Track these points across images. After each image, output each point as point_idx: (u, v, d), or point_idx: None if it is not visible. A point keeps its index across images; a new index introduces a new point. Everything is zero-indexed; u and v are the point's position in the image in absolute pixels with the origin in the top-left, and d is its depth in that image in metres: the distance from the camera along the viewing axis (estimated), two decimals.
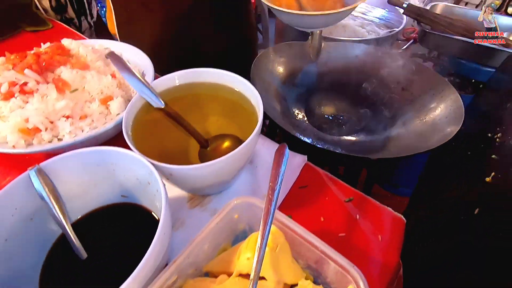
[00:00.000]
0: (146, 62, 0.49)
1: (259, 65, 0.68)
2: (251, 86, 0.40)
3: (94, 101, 0.41)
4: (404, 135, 0.62)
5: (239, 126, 0.43)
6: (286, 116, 0.66)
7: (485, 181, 0.45)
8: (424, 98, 0.66)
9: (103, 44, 0.52)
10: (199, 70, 0.43)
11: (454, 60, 1.02)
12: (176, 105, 0.42)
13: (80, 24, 1.03)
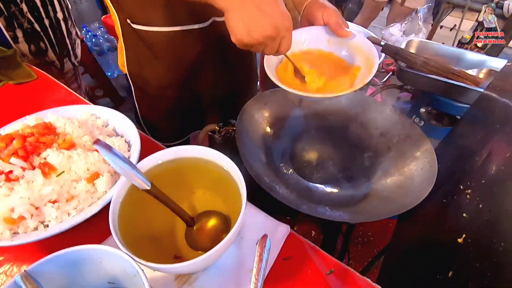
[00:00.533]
0: (132, 130, 0.50)
1: (244, 116, 0.70)
2: (233, 164, 0.42)
3: (81, 181, 0.42)
4: (384, 186, 0.65)
5: (224, 201, 0.45)
6: (271, 167, 0.68)
7: (457, 242, 0.48)
8: (401, 146, 0.69)
9: (89, 111, 0.53)
10: (183, 147, 0.44)
11: (430, 94, 1.07)
12: (162, 181, 0.43)
13: (62, 66, 1.02)
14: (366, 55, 0.57)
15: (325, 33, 0.61)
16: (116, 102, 1.97)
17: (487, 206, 0.46)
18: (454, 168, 0.67)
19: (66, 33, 1.01)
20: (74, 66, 1.07)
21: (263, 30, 0.42)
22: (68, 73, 1.06)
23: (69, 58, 1.03)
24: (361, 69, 0.57)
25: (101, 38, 2.00)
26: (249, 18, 0.41)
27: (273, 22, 0.42)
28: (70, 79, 1.11)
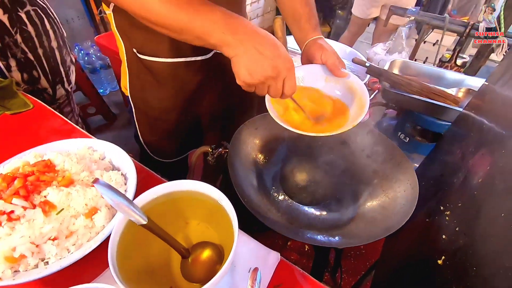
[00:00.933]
0: (129, 164, 0.52)
1: (236, 141, 0.73)
2: (224, 197, 0.44)
3: (79, 217, 0.44)
4: (370, 208, 0.68)
5: (217, 232, 0.47)
6: (262, 191, 0.71)
7: (437, 263, 0.51)
8: (386, 168, 0.73)
9: (87, 144, 0.55)
10: (178, 182, 0.46)
11: (413, 113, 1.12)
12: (158, 213, 0.45)
13: (55, 92, 1.03)
14: (360, 95, 0.61)
15: (323, 71, 0.65)
16: (109, 119, 1.99)
17: (463, 230, 0.49)
18: (437, 187, 0.70)
19: (60, 61, 1.02)
20: (67, 92, 1.08)
21: (263, 71, 0.46)
22: (61, 99, 1.07)
23: (62, 84, 1.04)
24: (354, 109, 0.61)
25: (94, 56, 2.03)
26: (250, 62, 0.46)
27: (272, 63, 0.46)
28: (63, 103, 1.12)
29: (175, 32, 0.48)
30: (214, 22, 0.45)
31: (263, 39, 0.46)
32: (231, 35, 0.45)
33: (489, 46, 1.17)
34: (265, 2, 2.75)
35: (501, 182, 0.45)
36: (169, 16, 0.45)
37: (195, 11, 0.45)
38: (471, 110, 0.77)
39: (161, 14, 0.45)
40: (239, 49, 0.46)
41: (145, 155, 0.97)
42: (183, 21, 0.46)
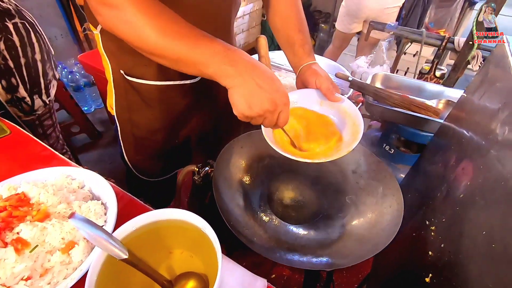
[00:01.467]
0: (109, 191, 0.51)
1: (221, 161, 0.72)
2: (207, 225, 0.43)
3: (55, 252, 0.42)
4: (357, 224, 0.68)
5: (201, 260, 0.46)
6: (248, 211, 0.70)
7: (425, 281, 0.51)
8: (371, 183, 0.73)
9: (65, 173, 0.53)
10: (157, 212, 0.45)
11: (396, 125, 1.15)
12: (139, 245, 0.44)
13: (33, 102, 1.03)
14: (353, 120, 0.62)
15: (317, 96, 0.66)
16: (94, 138, 1.95)
17: (447, 247, 0.50)
18: (422, 200, 0.71)
19: (42, 73, 1.03)
20: (45, 104, 1.07)
21: (262, 104, 0.47)
22: (39, 109, 1.07)
23: (40, 96, 1.04)
24: (347, 135, 0.62)
25: (78, 74, 2.00)
26: (250, 94, 0.46)
27: (271, 97, 0.47)
28: (44, 116, 1.12)
29: (171, 61, 0.48)
30: (214, 53, 0.46)
31: (261, 73, 0.47)
32: (230, 66, 0.46)
33: (465, 58, 1.22)
34: (250, 18, 2.80)
35: (481, 199, 0.46)
36: (166, 46, 0.45)
37: (194, 42, 0.46)
38: (452, 122, 0.79)
39: (158, 44, 0.45)
40: (238, 80, 0.46)
41: (131, 174, 0.95)
42: (181, 52, 0.46)
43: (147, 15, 0.44)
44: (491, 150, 0.49)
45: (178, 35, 0.45)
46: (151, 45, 0.46)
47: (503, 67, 0.58)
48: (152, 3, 0.45)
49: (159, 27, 0.45)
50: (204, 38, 0.46)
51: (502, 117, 0.50)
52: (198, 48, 0.46)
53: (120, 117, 0.81)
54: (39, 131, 1.13)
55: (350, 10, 1.98)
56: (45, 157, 0.66)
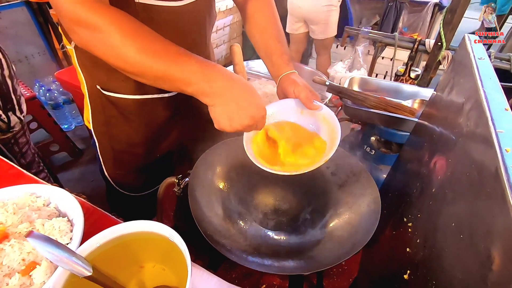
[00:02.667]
0: (75, 207, 0.49)
1: (198, 171, 0.71)
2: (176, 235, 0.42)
3: (14, 275, 0.39)
4: (337, 225, 0.68)
5: (174, 273, 0.44)
6: (228, 220, 0.68)
7: (403, 278, 0.51)
8: (350, 183, 0.74)
9: (29, 191, 0.51)
10: (122, 225, 0.43)
11: (375, 126, 1.17)
12: (107, 261, 0.42)
13: (9, 119, 1.02)
14: (332, 127, 0.63)
15: (297, 105, 0.67)
16: (74, 156, 1.90)
17: (422, 242, 0.50)
18: (401, 198, 0.71)
19: (12, 89, 1.02)
20: (20, 120, 1.05)
21: (242, 121, 0.50)
22: (15, 127, 1.06)
23: (14, 112, 1.04)
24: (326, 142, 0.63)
25: (56, 92, 1.96)
26: (230, 112, 0.49)
27: (250, 113, 0.50)
28: (18, 133, 1.11)
29: (150, 80, 0.48)
30: (192, 72, 0.46)
31: (240, 89, 0.49)
32: (209, 85, 0.47)
33: (435, 59, 1.26)
34: (231, 29, 2.84)
35: (450, 191, 0.47)
36: (145, 65, 0.45)
37: (172, 60, 0.46)
38: (424, 119, 0.81)
39: (137, 63, 0.45)
40: (217, 99, 0.48)
41: (112, 190, 0.92)
42: (160, 70, 0.46)
43: (125, 34, 0.44)
44: (457, 143, 0.51)
45: (156, 53, 0.45)
46: (129, 64, 0.46)
47: (466, 64, 0.60)
48: (129, 21, 0.45)
49: (138, 46, 0.44)
50: (182, 56, 0.47)
51: (466, 111, 0.51)
52: (176, 66, 0.46)
53: (97, 131, 0.79)
54: (15, 149, 1.10)
55: (290, 10, 2.04)
56: (11, 176, 0.64)
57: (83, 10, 0.43)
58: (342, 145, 1.25)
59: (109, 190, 0.95)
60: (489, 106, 0.44)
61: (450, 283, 0.36)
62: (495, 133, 0.39)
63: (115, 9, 0.45)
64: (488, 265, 0.30)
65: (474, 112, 0.47)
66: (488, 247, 0.31)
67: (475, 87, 0.49)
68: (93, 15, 0.43)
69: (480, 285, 0.30)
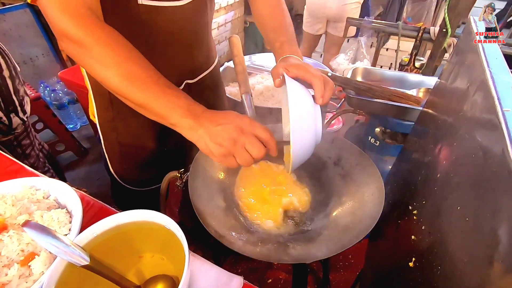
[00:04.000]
0: (74, 199, 0.49)
1: (198, 164, 0.70)
2: (174, 223, 0.42)
3: (13, 266, 0.39)
4: (341, 215, 0.67)
5: (172, 262, 0.44)
6: (230, 212, 0.68)
7: (409, 266, 0.49)
8: (353, 173, 0.72)
9: (28, 184, 0.51)
10: (119, 215, 0.43)
11: (379, 116, 1.15)
12: (105, 251, 0.42)
13: (10, 121, 1.01)
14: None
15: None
16: (80, 155, 1.92)
17: (427, 228, 0.48)
18: (406, 187, 0.70)
19: (13, 91, 1.01)
20: (23, 121, 1.05)
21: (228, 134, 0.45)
22: (18, 128, 1.04)
23: (17, 113, 1.02)
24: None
25: (61, 92, 1.98)
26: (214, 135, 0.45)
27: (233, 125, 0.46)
28: (21, 135, 1.10)
29: (132, 105, 0.48)
30: (175, 106, 0.45)
31: (220, 114, 0.47)
32: (192, 120, 0.46)
33: (440, 46, 1.23)
34: (232, 25, 2.82)
35: (455, 175, 0.45)
36: (128, 92, 0.45)
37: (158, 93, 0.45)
38: (429, 108, 0.79)
39: (120, 89, 0.45)
40: (199, 131, 0.46)
41: (118, 186, 0.92)
42: (143, 101, 0.45)
43: (114, 57, 0.43)
44: (462, 127, 0.49)
45: (143, 84, 0.45)
46: (113, 87, 0.45)
47: (471, 46, 0.58)
48: (120, 44, 0.45)
49: (125, 73, 0.44)
50: (169, 91, 0.46)
51: (471, 94, 0.50)
52: (161, 99, 0.45)
53: (104, 126, 0.78)
54: (17, 151, 1.11)
55: (312, 10, 2.00)
56: (12, 172, 0.64)
57: (70, 24, 0.42)
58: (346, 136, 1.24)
59: (114, 186, 0.95)
60: (495, 85, 0.42)
61: (455, 267, 0.35)
62: (502, 112, 0.37)
63: (106, 27, 0.45)
64: (494, 246, 0.28)
65: (480, 93, 0.45)
66: (494, 228, 0.30)
67: (481, 68, 0.47)
68: (80, 31, 0.42)
69: (486, 267, 0.29)
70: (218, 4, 2.50)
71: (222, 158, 0.47)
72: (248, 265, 1.33)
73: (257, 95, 1.12)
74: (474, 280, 0.30)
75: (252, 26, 2.94)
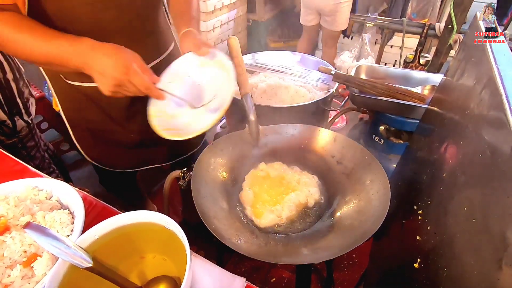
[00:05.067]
0: (77, 199, 0.49)
1: (201, 166, 0.70)
2: (175, 224, 0.41)
3: (16, 267, 0.39)
4: (346, 214, 0.66)
5: (174, 263, 0.44)
6: (233, 214, 0.67)
7: (414, 267, 0.49)
8: (357, 171, 0.71)
9: (31, 184, 0.51)
10: (121, 216, 0.43)
11: (383, 114, 1.13)
12: (107, 252, 0.41)
13: (14, 124, 1.01)
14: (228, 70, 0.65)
15: (194, 59, 0.69)
16: None
17: (433, 229, 0.47)
18: (410, 186, 0.69)
19: (17, 93, 1.01)
20: (28, 124, 1.05)
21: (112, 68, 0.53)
22: (22, 131, 1.04)
23: (21, 116, 1.02)
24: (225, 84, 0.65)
25: None
26: (99, 69, 0.53)
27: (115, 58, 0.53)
28: (26, 137, 1.09)
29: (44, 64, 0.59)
30: (65, 52, 0.53)
31: (102, 48, 0.54)
32: (80, 59, 0.53)
33: (446, 43, 1.21)
34: (235, 23, 2.81)
35: (461, 175, 0.44)
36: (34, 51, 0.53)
37: (48, 42, 0.53)
38: (434, 105, 0.78)
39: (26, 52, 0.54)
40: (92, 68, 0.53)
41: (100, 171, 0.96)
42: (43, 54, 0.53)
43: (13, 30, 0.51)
44: (468, 125, 0.48)
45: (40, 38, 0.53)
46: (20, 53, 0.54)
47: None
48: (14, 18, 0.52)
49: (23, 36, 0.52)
50: (55, 37, 0.53)
51: (477, 92, 0.49)
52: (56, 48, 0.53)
53: (70, 116, 0.81)
54: (22, 153, 1.11)
55: (305, 1, 2.01)
56: (17, 172, 0.64)
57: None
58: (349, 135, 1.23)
59: (98, 173, 1.00)
60: (503, 83, 0.41)
61: (462, 269, 0.34)
62: (510, 110, 0.36)
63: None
64: (503, 249, 0.27)
65: (487, 90, 0.44)
66: (503, 230, 0.29)
67: (488, 65, 0.46)
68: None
69: (495, 271, 0.28)
70: (221, 3, 2.49)
71: (111, 89, 0.55)
72: (251, 264, 1.33)
73: (260, 93, 1.11)
74: (483, 284, 0.29)
75: (255, 24, 2.92)
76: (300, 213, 0.68)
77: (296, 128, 0.82)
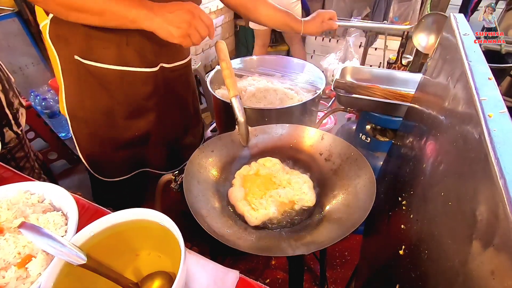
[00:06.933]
0: (69, 201, 0.49)
1: (192, 166, 0.71)
2: (169, 220, 0.42)
3: (10, 268, 0.40)
4: (335, 208, 0.68)
5: (170, 259, 0.45)
6: (226, 212, 0.69)
7: (399, 254, 0.51)
8: (344, 167, 0.74)
9: (22, 189, 0.51)
10: (119, 213, 0.44)
11: (369, 113, 1.17)
12: (102, 250, 0.42)
13: (3, 136, 0.99)
14: None
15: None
16: (73, 163, 1.90)
17: (415, 216, 0.50)
18: (395, 180, 0.72)
19: (6, 104, 0.99)
20: (17, 135, 1.03)
21: (181, 18, 0.58)
22: (11, 142, 1.02)
23: (10, 127, 1.00)
24: None
25: (52, 101, 1.97)
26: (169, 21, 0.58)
27: (184, 10, 0.58)
28: (15, 148, 1.08)
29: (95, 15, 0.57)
30: (131, 3, 0.56)
31: (168, 4, 0.58)
32: (148, 11, 0.57)
33: None
34: (223, 29, 2.85)
35: (439, 164, 0.47)
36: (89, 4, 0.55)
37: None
38: (415, 103, 0.82)
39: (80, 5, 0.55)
40: (157, 20, 0.57)
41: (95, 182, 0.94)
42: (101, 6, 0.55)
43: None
44: (444, 118, 0.51)
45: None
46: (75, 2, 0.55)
47: (451, 41, 0.60)
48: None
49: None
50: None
51: (451, 86, 0.52)
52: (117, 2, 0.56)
53: (71, 107, 0.80)
54: (11, 164, 1.09)
55: None
56: (6, 178, 0.64)
57: None
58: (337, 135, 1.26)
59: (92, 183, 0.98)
60: (473, 76, 0.44)
61: (440, 249, 0.36)
62: (479, 101, 0.39)
63: None
64: (473, 225, 0.30)
65: (460, 84, 0.48)
66: (473, 208, 0.31)
67: (461, 60, 0.50)
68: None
69: (466, 246, 0.30)
70: (208, 9, 2.52)
71: (182, 39, 0.59)
72: (246, 266, 1.33)
73: (249, 96, 1.14)
74: (457, 259, 0.31)
75: (242, 30, 2.96)
76: (290, 209, 0.70)
77: (285, 128, 0.84)
